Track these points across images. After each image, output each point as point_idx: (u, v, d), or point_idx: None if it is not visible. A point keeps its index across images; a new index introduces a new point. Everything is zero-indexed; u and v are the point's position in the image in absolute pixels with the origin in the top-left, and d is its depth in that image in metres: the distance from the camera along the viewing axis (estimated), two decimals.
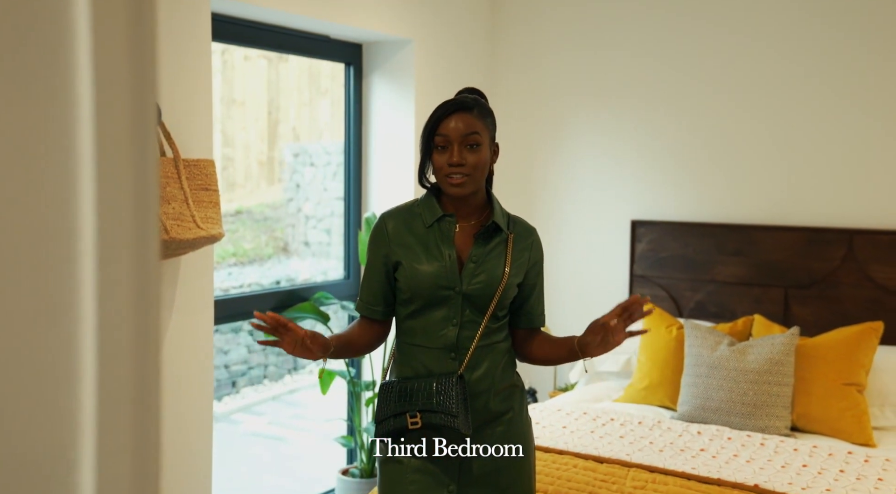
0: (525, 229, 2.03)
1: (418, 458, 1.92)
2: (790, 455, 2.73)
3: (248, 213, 7.72)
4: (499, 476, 1.93)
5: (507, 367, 2.00)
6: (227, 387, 6.21)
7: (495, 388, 1.94)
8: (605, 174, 4.09)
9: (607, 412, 3.14)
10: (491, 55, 4.30)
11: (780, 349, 3.09)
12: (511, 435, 1.96)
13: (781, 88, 3.69)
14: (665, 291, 3.90)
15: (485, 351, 1.93)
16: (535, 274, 2.02)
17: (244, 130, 7.50)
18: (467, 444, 1.90)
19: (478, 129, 1.90)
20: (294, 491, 4.23)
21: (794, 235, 3.63)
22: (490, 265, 1.94)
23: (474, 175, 1.90)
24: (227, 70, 6.86)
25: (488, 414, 1.93)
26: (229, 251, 7.31)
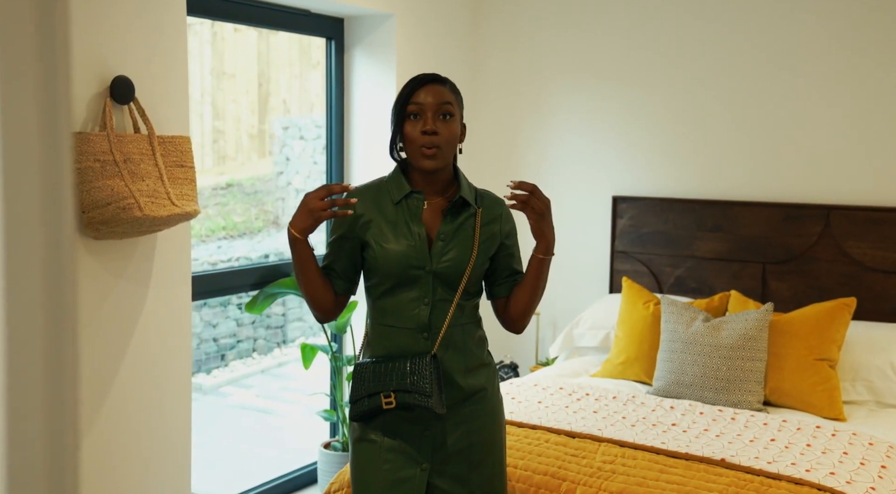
0: (493, 201, 2.03)
1: (391, 438, 1.94)
2: (759, 430, 2.77)
3: (239, 186, 7.72)
4: (471, 452, 1.96)
5: (479, 345, 2.01)
6: (217, 360, 6.25)
7: (468, 366, 1.96)
8: (586, 151, 4.09)
9: (583, 388, 3.18)
10: (473, 32, 4.29)
11: (753, 325, 3.12)
12: (483, 413, 1.98)
13: (759, 65, 3.69)
14: (645, 266, 3.92)
15: (457, 330, 1.94)
16: (511, 243, 2.04)
17: (235, 103, 7.47)
18: (441, 423, 1.92)
19: (451, 100, 1.92)
20: (279, 463, 4.29)
21: (771, 211, 3.65)
22: (459, 242, 1.94)
23: (445, 149, 1.90)
24: (217, 42, 6.82)
25: (461, 393, 1.95)
26: (219, 225, 7.33)
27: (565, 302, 4.14)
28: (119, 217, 2.37)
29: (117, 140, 2.44)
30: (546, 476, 2.41)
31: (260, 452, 4.78)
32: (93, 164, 2.36)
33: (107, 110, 2.44)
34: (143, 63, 2.59)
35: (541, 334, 4.21)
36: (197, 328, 6.12)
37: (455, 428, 1.94)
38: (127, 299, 2.61)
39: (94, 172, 2.36)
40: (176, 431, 2.80)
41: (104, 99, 2.47)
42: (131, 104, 2.54)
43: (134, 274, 2.63)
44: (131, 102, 2.54)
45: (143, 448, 2.69)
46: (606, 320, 3.68)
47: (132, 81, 2.53)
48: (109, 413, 2.57)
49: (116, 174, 2.41)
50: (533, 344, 4.20)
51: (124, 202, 2.38)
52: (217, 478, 4.29)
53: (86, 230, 2.42)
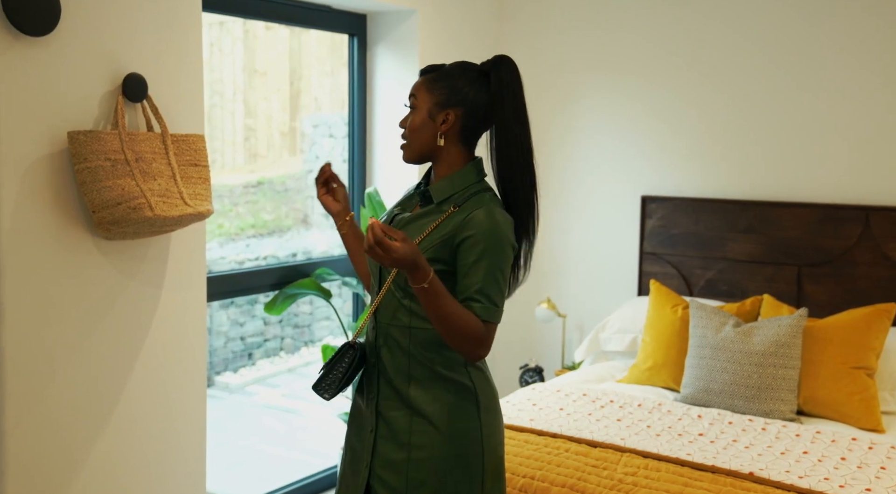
0: (472, 205, 1.79)
1: (349, 429, 1.94)
2: (791, 441, 2.66)
3: (270, 184, 7.71)
4: (409, 467, 1.79)
5: (429, 355, 1.80)
6: (244, 359, 6.24)
7: (412, 374, 1.80)
8: (614, 150, 3.98)
9: (607, 394, 3.08)
10: (498, 29, 4.20)
11: (786, 331, 3.00)
12: (429, 431, 1.79)
13: (797, 60, 3.55)
14: (675, 268, 3.81)
15: (399, 331, 1.80)
16: (465, 253, 1.74)
17: (266, 101, 7.46)
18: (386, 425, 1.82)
19: (416, 91, 1.87)
20: (300, 464, 4.24)
21: (808, 211, 3.51)
22: (406, 233, 1.80)
23: (409, 140, 1.87)
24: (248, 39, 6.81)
25: (402, 400, 1.80)
26: (249, 223, 7.32)
27: (592, 305, 4.03)
28: (129, 217, 2.32)
29: (129, 139, 2.39)
30: (564, 487, 2.32)
31: (282, 453, 4.75)
32: (103, 163, 2.32)
33: (119, 108, 2.40)
34: (157, 60, 2.54)
35: (567, 337, 4.11)
36: (224, 326, 6.11)
37: (394, 435, 1.81)
38: (140, 300, 2.57)
39: (104, 172, 2.31)
40: (190, 432, 2.76)
41: (116, 97, 2.43)
42: (144, 102, 2.50)
43: (147, 275, 2.59)
44: (144, 100, 2.49)
45: (156, 450, 2.65)
46: (634, 323, 3.57)
47: (145, 79, 2.48)
48: (123, 414, 2.53)
49: (127, 174, 2.36)
50: (559, 347, 4.11)
51: (135, 202, 2.33)
52: (238, 479, 4.26)
53: (97, 230, 2.39)
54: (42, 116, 2.26)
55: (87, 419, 2.45)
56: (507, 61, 1.89)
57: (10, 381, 2.24)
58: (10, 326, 2.23)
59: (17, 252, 2.23)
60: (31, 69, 2.22)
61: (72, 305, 2.38)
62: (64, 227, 2.34)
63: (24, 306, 2.26)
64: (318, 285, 3.46)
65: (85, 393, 2.43)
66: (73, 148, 2.29)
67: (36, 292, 2.29)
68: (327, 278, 3.60)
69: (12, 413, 2.26)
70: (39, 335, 2.31)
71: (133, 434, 2.57)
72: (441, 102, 1.84)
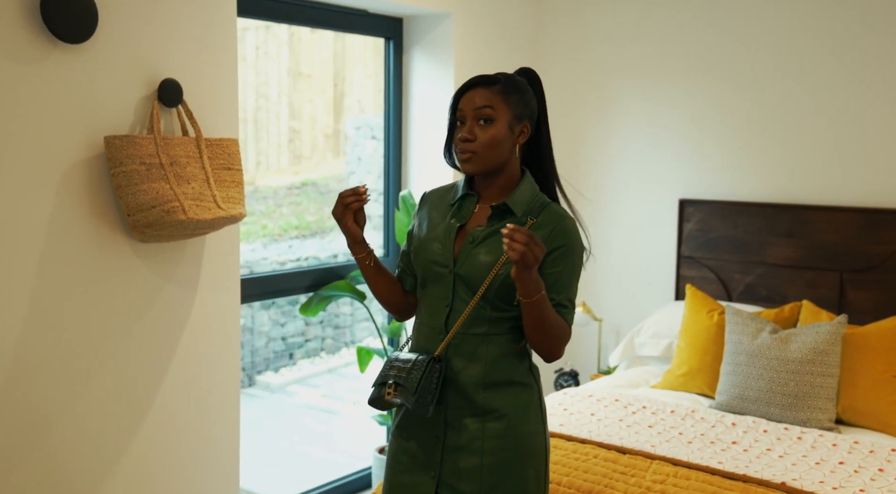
0: (552, 216, 1.83)
1: (406, 439, 1.90)
2: (827, 451, 2.60)
3: (314, 185, 7.78)
4: (483, 473, 1.82)
5: (509, 362, 1.85)
6: (285, 359, 6.31)
7: (486, 381, 1.83)
8: (652, 152, 3.94)
9: (640, 400, 3.05)
10: (535, 32, 4.18)
11: (825, 338, 2.93)
12: (499, 435, 1.82)
13: (838, 61, 3.47)
14: (713, 273, 3.75)
15: (474, 339, 1.83)
16: (555, 267, 1.80)
17: (310, 103, 7.53)
18: (456, 434, 1.83)
19: (493, 103, 1.82)
20: (336, 465, 4.28)
21: (850, 216, 3.43)
22: (490, 247, 1.83)
23: (482, 153, 1.83)
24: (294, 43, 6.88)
25: (475, 408, 1.83)
26: (292, 224, 7.40)
27: (629, 309, 4.00)
28: (163, 220, 2.37)
29: (164, 143, 2.44)
30: None
31: (319, 454, 4.79)
32: (138, 167, 2.37)
33: (154, 113, 2.45)
34: (192, 65, 2.59)
35: (603, 341, 4.07)
36: (265, 326, 6.19)
37: (468, 444, 1.83)
38: (175, 301, 2.61)
39: (139, 176, 2.36)
40: (224, 431, 2.80)
41: (152, 102, 2.48)
42: (179, 107, 2.54)
43: (182, 277, 2.63)
44: (179, 105, 2.54)
45: (191, 449, 2.69)
46: (669, 328, 3.53)
47: (180, 84, 2.53)
48: (158, 414, 2.58)
49: (162, 177, 2.41)
50: (594, 352, 4.08)
51: (168, 205, 2.37)
52: (275, 479, 4.31)
53: (132, 233, 2.43)
54: (79, 121, 2.31)
55: (123, 419, 2.50)
56: (535, 74, 1.95)
57: (49, 381, 2.30)
58: (48, 327, 2.29)
59: (54, 254, 2.29)
60: (69, 76, 2.28)
61: (108, 306, 2.43)
62: (100, 230, 2.39)
63: (62, 308, 2.32)
64: (353, 288, 3.48)
65: (121, 393, 2.49)
66: (110, 152, 2.34)
67: (73, 293, 2.34)
68: (361, 280, 3.62)
69: (51, 413, 2.32)
70: (77, 336, 2.36)
71: (168, 433, 2.62)
72: (518, 115, 1.86)
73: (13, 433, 2.23)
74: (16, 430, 2.24)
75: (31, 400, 2.27)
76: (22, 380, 2.24)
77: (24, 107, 2.19)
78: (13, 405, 2.23)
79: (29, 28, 2.18)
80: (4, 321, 2.19)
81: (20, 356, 2.23)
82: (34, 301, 2.25)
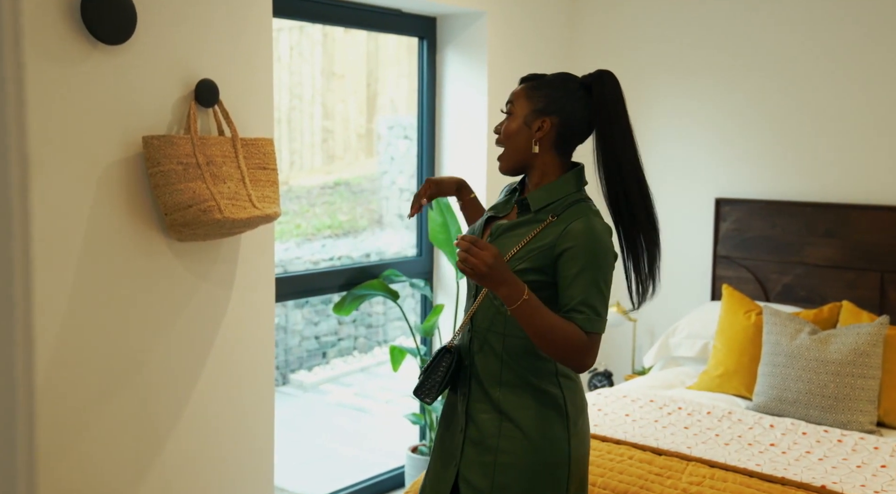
0: (569, 216, 1.79)
1: (443, 428, 1.94)
2: (869, 454, 2.55)
3: (346, 185, 7.81)
4: (496, 471, 1.80)
5: (523, 363, 1.81)
6: (318, 357, 6.34)
7: (503, 380, 1.81)
8: (688, 151, 3.90)
9: (675, 401, 3.02)
10: (569, 31, 4.16)
11: (866, 339, 2.88)
12: (514, 438, 1.80)
13: (879, 55, 3.41)
14: (751, 273, 3.70)
15: (495, 337, 1.82)
16: (566, 264, 1.74)
17: (343, 103, 7.56)
18: (477, 428, 1.83)
19: (515, 98, 1.87)
20: (369, 464, 4.29)
21: (891, 215, 3.37)
22: (504, 242, 1.83)
23: (505, 147, 1.88)
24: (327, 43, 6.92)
25: (492, 403, 1.82)
26: (325, 223, 7.43)
27: (664, 309, 3.95)
28: (200, 219, 2.39)
29: (200, 143, 2.46)
30: None
31: (352, 452, 4.80)
32: (175, 166, 2.39)
33: (191, 113, 2.47)
34: (228, 66, 2.61)
35: (637, 342, 4.04)
36: (299, 325, 6.22)
37: (485, 439, 1.82)
38: (211, 300, 2.64)
39: (176, 175, 2.39)
40: (259, 429, 2.82)
41: (189, 102, 2.50)
42: (216, 107, 2.57)
43: (218, 276, 2.65)
44: (215, 105, 2.56)
45: (226, 446, 2.71)
46: (705, 329, 3.49)
47: (217, 85, 2.55)
48: (193, 413, 2.61)
49: (198, 177, 2.43)
50: (629, 352, 4.04)
51: (205, 205, 2.39)
52: (308, 477, 4.33)
53: (169, 232, 2.46)
54: (118, 121, 2.34)
55: (159, 417, 2.53)
56: (609, 76, 1.85)
57: (88, 378, 2.33)
58: (86, 326, 2.32)
59: (93, 253, 2.32)
60: (108, 76, 2.30)
61: (146, 305, 2.46)
62: (138, 229, 2.42)
63: (101, 307, 2.35)
64: (386, 287, 3.49)
65: (158, 391, 2.51)
66: (147, 152, 2.37)
67: (111, 292, 2.37)
68: (395, 279, 3.63)
69: (89, 410, 2.35)
70: (115, 334, 2.39)
71: (204, 431, 2.64)
72: (538, 110, 1.84)
73: (49, 432, 2.26)
74: (55, 426, 2.27)
75: (69, 398, 2.30)
76: (61, 377, 2.27)
77: (64, 107, 2.22)
78: (49, 403, 2.26)
79: (69, 30, 2.21)
80: (45, 319, 2.22)
81: (59, 354, 2.26)
82: (73, 300, 2.28)
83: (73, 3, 2.20)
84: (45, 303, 2.22)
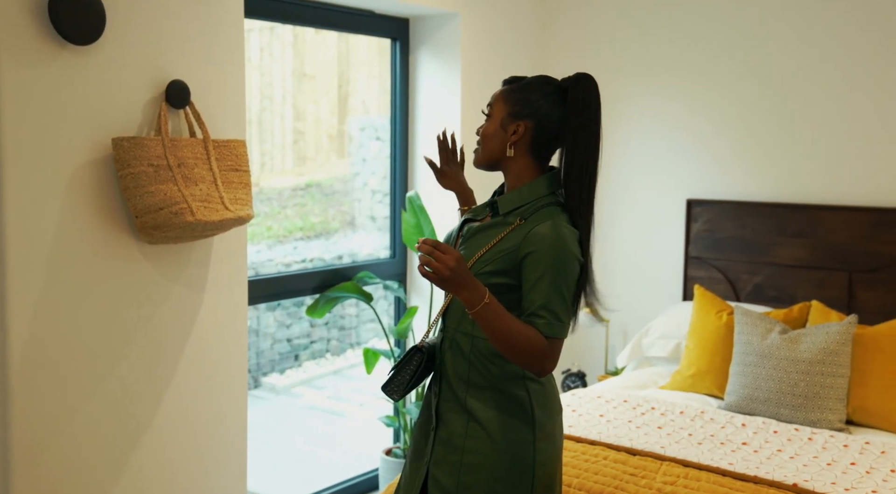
0: (538, 219, 1.78)
1: (417, 429, 1.95)
2: (839, 452, 2.58)
3: (318, 186, 7.77)
4: (462, 470, 1.80)
5: (491, 366, 1.80)
6: (290, 360, 6.30)
7: (471, 381, 1.81)
8: (660, 153, 3.93)
9: (649, 401, 3.04)
10: (542, 32, 4.17)
11: (835, 339, 2.92)
12: (483, 438, 1.80)
13: (844, 60, 3.46)
14: (721, 273, 3.74)
15: (465, 338, 1.82)
16: (529, 268, 1.73)
17: (315, 104, 7.52)
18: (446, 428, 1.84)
19: (494, 100, 1.89)
20: (343, 467, 4.27)
21: (860, 215, 3.42)
22: (474, 244, 1.83)
23: (482, 146, 1.90)
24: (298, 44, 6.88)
25: (459, 404, 1.82)
26: (297, 225, 7.39)
27: (636, 310, 3.98)
28: (171, 222, 2.36)
29: (172, 144, 2.43)
30: None
31: (325, 455, 4.78)
32: (146, 168, 2.36)
33: (162, 115, 2.44)
34: (200, 67, 2.58)
35: (610, 342, 4.06)
36: (271, 328, 6.18)
37: (452, 438, 1.83)
38: (183, 303, 2.61)
39: (147, 177, 2.36)
40: (232, 433, 2.79)
41: (160, 103, 2.47)
42: (187, 108, 2.54)
43: (189, 279, 2.63)
44: (187, 107, 2.53)
45: (199, 451, 2.69)
46: (677, 329, 3.51)
47: (188, 86, 2.52)
48: (166, 417, 2.58)
49: (170, 179, 2.40)
50: (602, 352, 4.07)
51: (176, 207, 2.37)
52: (282, 480, 4.30)
53: (140, 235, 2.43)
54: (87, 122, 2.31)
55: (131, 421, 2.49)
56: (587, 79, 1.83)
57: (58, 382, 2.30)
58: (56, 329, 2.28)
59: (62, 257, 2.28)
60: (77, 77, 2.27)
61: (116, 309, 2.42)
62: (108, 232, 2.39)
63: (70, 311, 2.31)
64: (360, 289, 3.47)
65: (129, 395, 2.48)
66: (117, 154, 2.34)
67: (81, 296, 2.34)
68: (369, 281, 3.61)
69: (60, 414, 2.31)
70: (85, 338, 2.35)
71: (176, 435, 2.61)
72: (514, 113, 1.84)
73: (22, 435, 2.22)
74: (25, 431, 2.23)
75: (43, 401, 2.26)
76: (34, 381, 2.24)
77: (32, 109, 2.18)
78: (21, 406, 2.22)
79: (37, 30, 2.17)
80: (13, 322, 2.18)
81: (28, 358, 2.22)
82: (42, 304, 2.24)
83: (41, 4, 2.17)
84: (15, 307, 2.18)
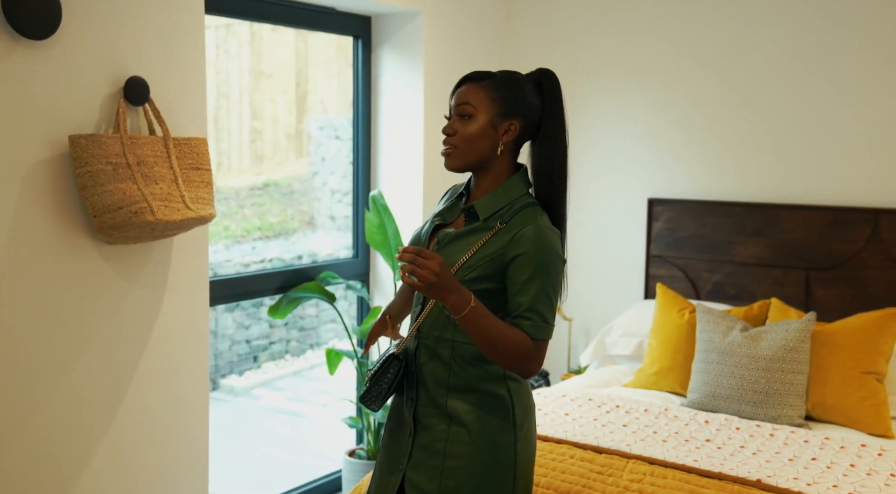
0: (518, 222, 1.75)
1: (388, 436, 1.92)
2: (799, 448, 2.62)
3: (276, 186, 7.69)
4: (444, 475, 1.79)
5: (471, 369, 1.79)
6: (249, 362, 6.22)
7: (451, 385, 1.80)
8: (621, 152, 3.95)
9: (613, 399, 3.05)
10: (505, 30, 4.17)
11: (794, 336, 2.96)
12: (465, 441, 1.78)
13: (804, 60, 3.51)
14: (682, 271, 3.77)
15: (443, 344, 1.80)
16: (516, 271, 1.72)
17: (272, 103, 7.44)
18: (428, 433, 1.81)
19: (475, 99, 1.79)
20: (305, 469, 4.22)
21: (816, 214, 3.48)
22: (452, 251, 1.79)
23: (461, 148, 1.79)
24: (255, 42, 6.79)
25: (439, 409, 1.81)
26: (255, 225, 7.31)
27: (598, 308, 4.00)
28: (131, 222, 2.30)
29: (131, 142, 2.38)
30: None
31: (287, 457, 4.73)
32: (104, 167, 2.30)
33: (120, 112, 2.39)
34: (159, 63, 2.53)
35: (573, 341, 4.08)
36: (229, 329, 6.10)
37: (432, 443, 1.81)
38: (142, 304, 2.55)
39: (105, 176, 2.30)
40: (193, 435, 2.74)
41: (118, 100, 2.41)
42: (146, 105, 2.48)
43: (149, 279, 2.57)
44: (146, 104, 2.48)
45: (159, 453, 2.63)
46: (640, 327, 3.54)
47: (147, 82, 2.47)
48: (125, 418, 2.52)
49: (129, 177, 2.34)
50: (565, 351, 4.08)
51: (136, 206, 2.31)
52: (242, 483, 4.24)
53: (98, 235, 2.37)
54: (43, 119, 2.24)
55: (89, 424, 2.43)
56: (553, 74, 1.84)
57: (12, 386, 2.23)
58: (10, 331, 2.21)
59: (17, 257, 2.22)
60: (32, 73, 2.21)
61: (73, 310, 2.36)
62: (65, 231, 2.32)
63: (25, 312, 2.25)
64: (323, 289, 3.44)
65: (87, 397, 2.42)
66: (75, 152, 2.28)
67: (37, 297, 2.27)
68: (332, 281, 3.58)
69: (15, 418, 2.24)
70: (41, 340, 2.29)
71: (136, 437, 2.56)
72: (504, 112, 1.79)
73: None
74: None
75: None
76: None
77: None
78: None
79: None
80: None
81: None
82: None
83: None
84: None
